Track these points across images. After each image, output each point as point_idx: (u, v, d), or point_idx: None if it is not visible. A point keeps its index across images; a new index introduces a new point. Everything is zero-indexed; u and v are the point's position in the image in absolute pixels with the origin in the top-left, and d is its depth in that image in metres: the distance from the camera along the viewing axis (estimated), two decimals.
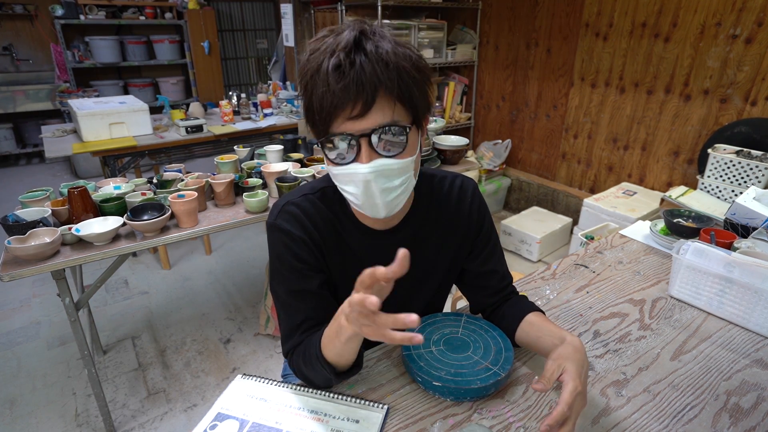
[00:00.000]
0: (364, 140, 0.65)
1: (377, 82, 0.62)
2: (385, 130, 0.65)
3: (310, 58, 0.65)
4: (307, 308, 0.79)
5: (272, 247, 0.81)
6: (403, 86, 0.64)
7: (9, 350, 2.17)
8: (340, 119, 0.65)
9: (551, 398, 0.80)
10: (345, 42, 0.62)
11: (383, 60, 0.62)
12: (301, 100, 0.71)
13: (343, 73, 0.61)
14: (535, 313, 0.87)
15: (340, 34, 0.64)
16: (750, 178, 1.97)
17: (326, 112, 0.64)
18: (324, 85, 0.62)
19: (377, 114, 0.64)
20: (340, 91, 0.62)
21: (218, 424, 0.74)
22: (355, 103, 0.63)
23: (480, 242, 0.91)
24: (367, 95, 0.62)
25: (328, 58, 0.62)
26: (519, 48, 3.30)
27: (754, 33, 2.15)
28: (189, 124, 2.78)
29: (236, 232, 3.34)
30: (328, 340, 0.70)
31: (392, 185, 0.70)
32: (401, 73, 0.63)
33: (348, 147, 0.67)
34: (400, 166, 0.68)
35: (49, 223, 1.46)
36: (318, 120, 0.66)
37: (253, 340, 2.22)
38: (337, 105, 0.63)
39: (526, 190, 3.53)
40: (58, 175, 4.64)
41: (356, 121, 0.64)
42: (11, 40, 4.75)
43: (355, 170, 0.67)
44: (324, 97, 0.63)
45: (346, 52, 0.62)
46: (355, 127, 0.65)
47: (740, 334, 0.98)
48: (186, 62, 5.33)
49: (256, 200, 1.66)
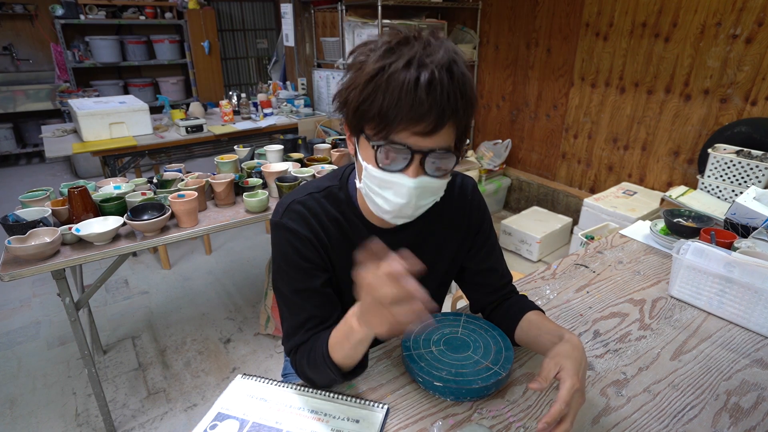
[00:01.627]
0: (419, 157, 0.66)
1: (454, 109, 0.63)
2: (441, 154, 0.67)
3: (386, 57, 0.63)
4: (312, 307, 0.79)
5: (277, 245, 0.80)
6: (466, 119, 0.67)
7: (9, 350, 2.17)
8: (407, 131, 0.64)
9: (551, 398, 0.80)
10: (440, 60, 0.62)
11: (462, 91, 0.64)
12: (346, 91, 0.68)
13: (435, 90, 0.61)
14: (534, 311, 0.87)
15: (430, 46, 0.63)
16: (750, 178, 1.97)
17: (397, 119, 0.63)
18: (408, 91, 0.61)
19: (440, 137, 0.65)
20: (425, 106, 0.61)
21: (218, 424, 0.74)
22: (428, 122, 0.63)
23: (479, 240, 0.92)
24: (443, 118, 0.63)
25: (418, 67, 0.61)
26: (519, 48, 3.29)
27: (754, 33, 2.15)
28: (189, 123, 2.78)
29: (236, 232, 3.34)
30: (337, 342, 0.71)
31: (426, 201, 0.73)
32: (468, 107, 0.66)
33: (400, 158, 0.67)
34: (439, 186, 0.71)
35: (49, 222, 1.46)
36: (378, 122, 0.64)
37: (253, 340, 2.22)
38: (413, 117, 0.62)
39: (526, 190, 3.52)
40: (58, 175, 4.64)
41: (421, 137, 0.64)
42: (11, 40, 4.75)
43: (401, 181, 0.68)
44: (401, 103, 0.61)
45: (443, 69, 0.62)
46: (418, 143, 0.65)
47: (740, 334, 0.98)
48: (186, 62, 5.33)
49: (256, 200, 1.66)
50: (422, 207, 0.74)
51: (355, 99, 0.66)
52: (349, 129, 0.72)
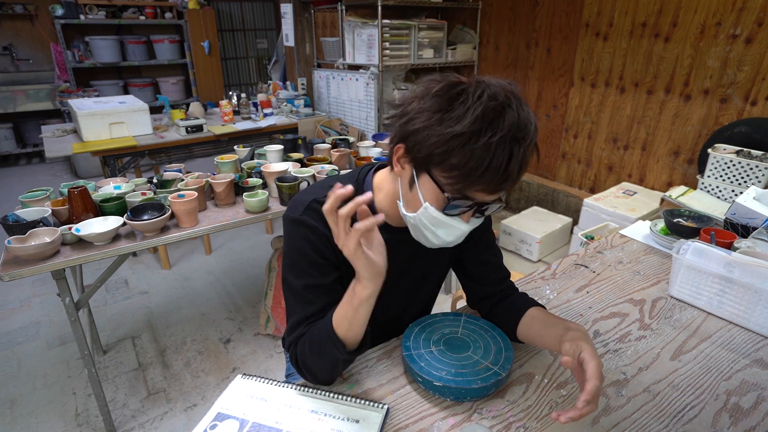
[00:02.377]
0: (477, 205, 0.73)
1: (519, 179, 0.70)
2: (498, 203, 0.75)
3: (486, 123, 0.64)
4: (322, 302, 0.82)
5: (293, 240, 0.83)
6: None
7: (9, 350, 2.17)
8: (483, 192, 0.70)
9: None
10: (532, 136, 0.67)
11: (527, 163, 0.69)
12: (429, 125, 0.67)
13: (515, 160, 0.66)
14: (536, 308, 0.89)
15: (522, 118, 0.66)
16: (750, 178, 1.97)
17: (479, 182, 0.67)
18: (499, 167, 0.65)
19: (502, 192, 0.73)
20: (510, 179, 0.67)
21: (218, 424, 0.74)
22: (505, 184, 0.69)
23: (476, 233, 0.94)
24: (511, 182, 0.69)
25: (510, 142, 0.65)
26: (519, 48, 3.29)
27: (754, 33, 2.15)
28: (189, 123, 2.78)
29: (236, 232, 3.34)
30: (341, 315, 0.74)
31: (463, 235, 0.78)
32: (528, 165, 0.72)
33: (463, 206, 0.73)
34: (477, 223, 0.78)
35: (49, 222, 1.46)
36: (458, 176, 0.67)
37: (253, 340, 2.22)
38: (496, 186, 0.68)
39: (526, 190, 3.52)
40: (58, 175, 4.64)
41: (489, 195, 0.71)
42: (11, 40, 4.75)
43: (457, 225, 0.74)
44: (489, 173, 0.66)
45: (532, 147, 0.68)
46: (485, 198, 0.72)
47: (740, 334, 0.98)
48: (186, 62, 5.33)
49: (256, 200, 1.66)
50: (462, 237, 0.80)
51: (436, 145, 0.66)
52: (409, 158, 0.73)
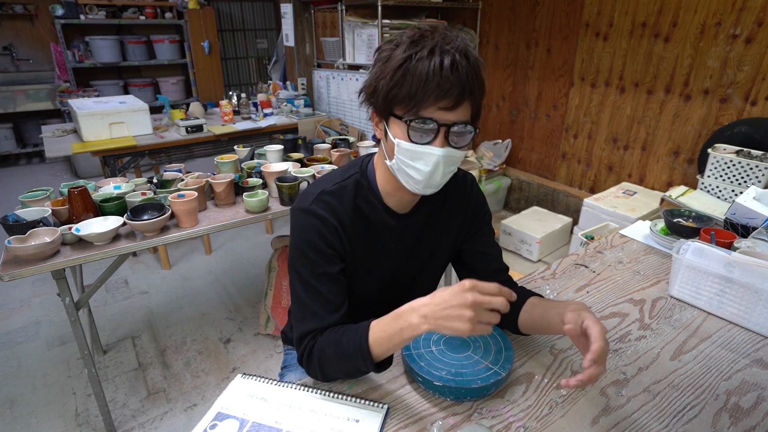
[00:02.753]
0: (444, 129, 0.75)
1: (471, 87, 0.74)
2: (462, 126, 0.76)
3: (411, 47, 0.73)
4: (329, 292, 0.84)
5: (301, 230, 0.85)
6: (480, 97, 0.78)
7: (9, 350, 2.17)
8: (433, 107, 0.73)
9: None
10: (459, 45, 0.73)
11: (477, 72, 0.75)
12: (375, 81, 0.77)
13: (456, 70, 0.71)
14: (535, 296, 0.92)
15: (449, 35, 0.74)
16: (750, 178, 1.97)
17: (425, 96, 0.72)
18: (434, 72, 0.71)
19: (461, 111, 0.75)
20: (447, 83, 0.71)
21: (218, 424, 0.74)
22: (452, 97, 0.72)
23: (476, 224, 1.00)
24: (463, 94, 0.73)
25: (440, 52, 0.71)
26: (519, 48, 3.29)
27: (754, 33, 2.15)
28: (189, 123, 2.78)
29: (236, 232, 3.34)
30: (385, 336, 0.74)
31: (450, 169, 0.81)
32: (481, 87, 0.77)
33: (429, 131, 0.76)
34: (460, 156, 0.80)
35: (49, 222, 1.46)
36: (409, 100, 0.73)
37: (253, 340, 2.22)
38: (439, 94, 0.72)
39: (526, 190, 3.52)
40: (58, 175, 4.64)
41: (445, 112, 0.74)
42: (11, 40, 4.75)
43: (431, 151, 0.76)
44: (428, 82, 0.71)
45: (461, 54, 0.72)
46: (443, 116, 0.74)
47: (740, 334, 0.98)
48: (186, 62, 5.33)
49: (256, 200, 1.66)
50: (447, 176, 0.82)
51: (386, 86, 0.75)
52: (378, 114, 0.81)
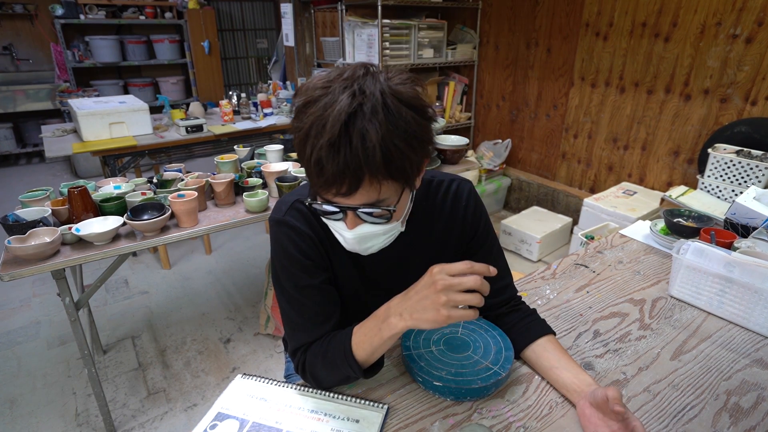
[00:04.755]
0: (350, 212, 0.68)
1: (360, 171, 0.61)
2: (367, 209, 0.67)
3: (297, 119, 0.65)
4: (313, 303, 0.81)
5: (278, 242, 0.81)
6: (390, 168, 0.63)
7: (9, 350, 2.17)
8: (330, 193, 0.65)
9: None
10: (333, 124, 0.59)
11: (367, 150, 0.60)
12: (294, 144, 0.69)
13: (336, 153, 0.60)
14: (548, 338, 0.86)
15: (331, 106, 0.60)
16: (750, 178, 1.97)
17: (317, 182, 0.65)
18: (316, 160, 0.62)
19: (363, 194, 0.65)
20: (331, 173, 0.61)
21: (218, 424, 0.74)
22: (339, 187, 0.63)
23: (474, 245, 0.91)
24: (350, 183, 0.62)
25: (313, 138, 0.61)
26: (519, 48, 3.29)
27: (754, 32, 2.15)
28: (189, 123, 2.78)
29: (236, 231, 3.34)
30: (365, 338, 0.72)
31: (376, 242, 0.74)
32: (390, 157, 0.62)
33: (335, 213, 0.70)
34: (385, 229, 0.72)
35: (49, 222, 1.45)
36: (309, 176, 0.67)
37: (253, 340, 2.22)
38: (327, 183, 0.63)
39: (526, 190, 3.52)
40: (58, 175, 4.64)
41: (342, 197, 0.65)
42: (11, 40, 4.75)
43: (341, 232, 0.72)
44: (314, 168, 0.63)
45: (330, 141, 0.60)
46: (342, 201, 0.67)
47: (740, 334, 0.98)
48: (186, 62, 5.33)
49: (256, 200, 1.66)
50: (377, 246, 0.75)
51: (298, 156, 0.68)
52: None
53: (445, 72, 3.84)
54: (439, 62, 3.46)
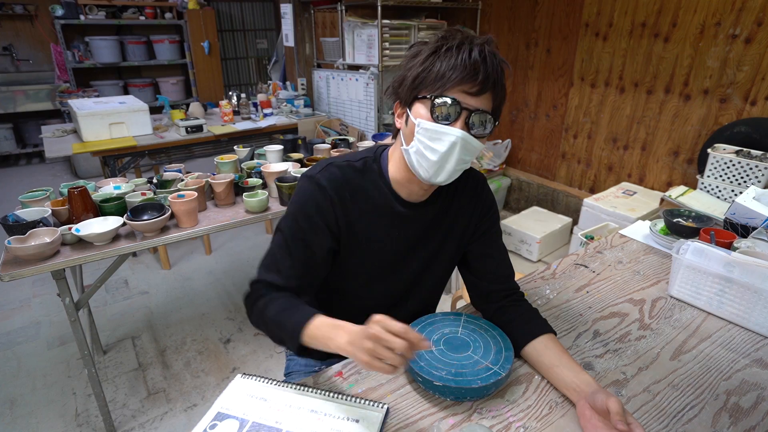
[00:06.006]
0: (466, 113, 0.77)
1: (495, 81, 0.78)
2: (483, 113, 0.78)
3: (440, 41, 0.78)
4: (299, 258, 0.86)
5: (301, 193, 0.87)
6: (501, 96, 0.81)
7: (9, 350, 2.17)
8: (458, 89, 0.76)
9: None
10: (485, 41, 0.78)
11: (501, 69, 0.79)
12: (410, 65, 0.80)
13: (485, 59, 0.75)
14: (548, 336, 0.87)
15: (475, 36, 0.78)
16: (750, 178, 1.97)
17: (452, 77, 0.75)
18: (463, 58, 0.75)
19: (484, 100, 0.78)
20: (474, 68, 0.75)
21: (218, 424, 0.74)
22: (477, 84, 0.76)
23: (483, 226, 0.98)
24: (487, 83, 0.76)
25: (469, 44, 0.76)
26: (519, 48, 3.29)
27: (754, 33, 2.15)
28: (189, 124, 2.78)
29: (236, 232, 3.34)
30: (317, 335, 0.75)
31: (465, 158, 0.81)
32: (503, 88, 0.81)
33: (451, 112, 0.77)
34: (477, 146, 0.80)
35: (49, 223, 1.46)
36: (436, 80, 0.77)
37: (253, 340, 2.22)
38: (467, 76, 0.75)
39: (526, 190, 3.52)
40: (58, 175, 4.64)
41: (469, 96, 0.76)
42: (11, 40, 4.75)
43: (451, 131, 0.77)
44: (457, 66, 0.75)
45: (487, 50, 0.76)
46: (466, 100, 0.77)
47: (740, 334, 0.98)
48: (186, 62, 5.33)
49: (256, 200, 1.66)
50: (461, 165, 0.82)
51: (415, 71, 0.79)
52: (402, 104, 0.83)
53: None
54: None
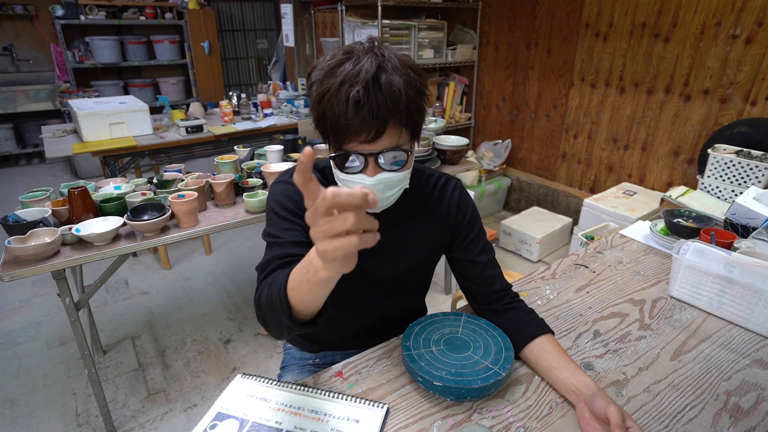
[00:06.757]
0: (372, 159, 0.76)
1: (389, 115, 0.72)
2: (390, 153, 0.76)
3: (326, 80, 0.73)
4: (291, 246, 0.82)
5: (274, 195, 0.87)
6: (409, 116, 0.75)
7: (9, 350, 2.17)
8: (354, 142, 0.74)
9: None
10: (365, 75, 0.70)
11: (395, 96, 0.71)
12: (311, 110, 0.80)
13: (362, 107, 0.70)
14: (546, 337, 0.87)
15: (359, 64, 0.71)
16: (750, 178, 1.97)
17: (341, 135, 0.74)
18: (343, 112, 0.71)
19: (386, 140, 0.74)
20: (358, 122, 0.71)
21: (218, 424, 0.74)
22: (368, 132, 0.72)
23: (461, 233, 0.97)
24: (379, 126, 0.72)
25: (348, 87, 0.70)
26: (519, 48, 3.30)
27: (754, 33, 2.15)
28: (189, 124, 2.78)
29: (236, 232, 3.34)
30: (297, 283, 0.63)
31: (392, 192, 0.81)
32: (409, 105, 0.74)
33: (355, 163, 0.77)
34: (399, 178, 0.79)
35: (50, 223, 1.46)
36: (332, 136, 0.76)
37: (253, 340, 2.22)
38: (353, 132, 0.73)
39: (526, 190, 3.52)
40: (59, 175, 4.64)
41: (367, 144, 0.74)
42: (11, 40, 4.75)
43: (362, 181, 0.77)
44: (340, 123, 0.72)
45: (365, 87, 0.70)
46: (366, 148, 0.75)
47: (740, 334, 0.98)
48: (186, 62, 5.33)
49: (256, 200, 1.66)
50: (391, 198, 0.82)
51: (315, 118, 0.78)
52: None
53: (445, 72, 3.84)
54: (439, 63, 3.47)
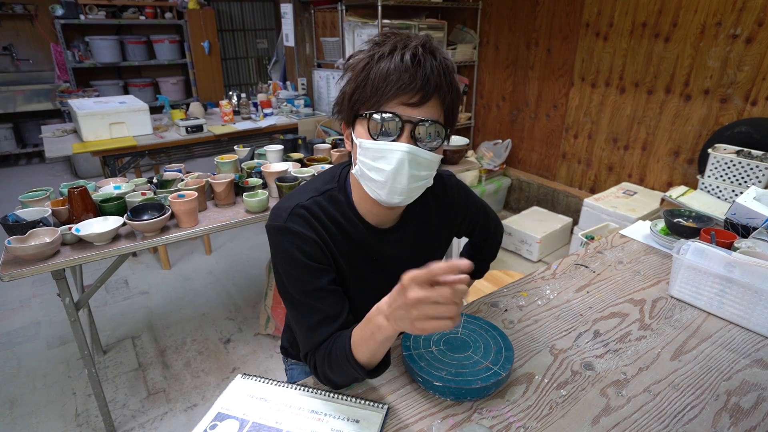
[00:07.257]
0: (410, 126, 0.72)
1: (438, 84, 0.71)
2: (430, 123, 0.72)
3: (374, 48, 0.72)
4: (324, 306, 0.79)
5: (281, 249, 0.79)
6: (450, 98, 0.74)
7: (9, 350, 2.17)
8: (396, 101, 0.70)
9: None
10: (419, 42, 0.71)
11: (445, 67, 0.72)
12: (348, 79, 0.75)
13: (418, 63, 0.69)
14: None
15: (410, 37, 0.72)
16: (750, 178, 1.97)
17: (387, 90, 0.69)
18: (395, 68, 0.69)
19: (429, 109, 0.72)
20: (410, 77, 0.69)
21: (218, 424, 0.74)
22: (416, 93, 0.70)
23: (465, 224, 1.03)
24: (429, 90, 0.70)
25: (401, 49, 0.70)
26: (519, 48, 3.29)
27: (755, 33, 2.15)
28: (189, 124, 2.78)
29: (236, 232, 3.34)
30: (361, 341, 0.71)
31: (419, 174, 0.75)
32: (452, 88, 0.73)
33: (392, 127, 0.72)
34: (430, 158, 0.75)
35: (49, 222, 1.45)
36: (371, 96, 0.71)
37: (253, 340, 2.22)
38: (401, 88, 0.69)
39: (526, 190, 3.52)
40: (58, 175, 4.64)
41: (410, 108, 0.71)
42: (11, 40, 4.75)
43: (394, 147, 0.71)
44: (390, 77, 0.69)
45: (423, 49, 0.70)
46: (407, 112, 0.71)
47: (740, 334, 0.98)
48: (186, 62, 5.33)
49: (256, 200, 1.66)
50: (417, 183, 0.76)
51: (351, 89, 0.74)
52: (346, 122, 0.78)
53: None
54: None
